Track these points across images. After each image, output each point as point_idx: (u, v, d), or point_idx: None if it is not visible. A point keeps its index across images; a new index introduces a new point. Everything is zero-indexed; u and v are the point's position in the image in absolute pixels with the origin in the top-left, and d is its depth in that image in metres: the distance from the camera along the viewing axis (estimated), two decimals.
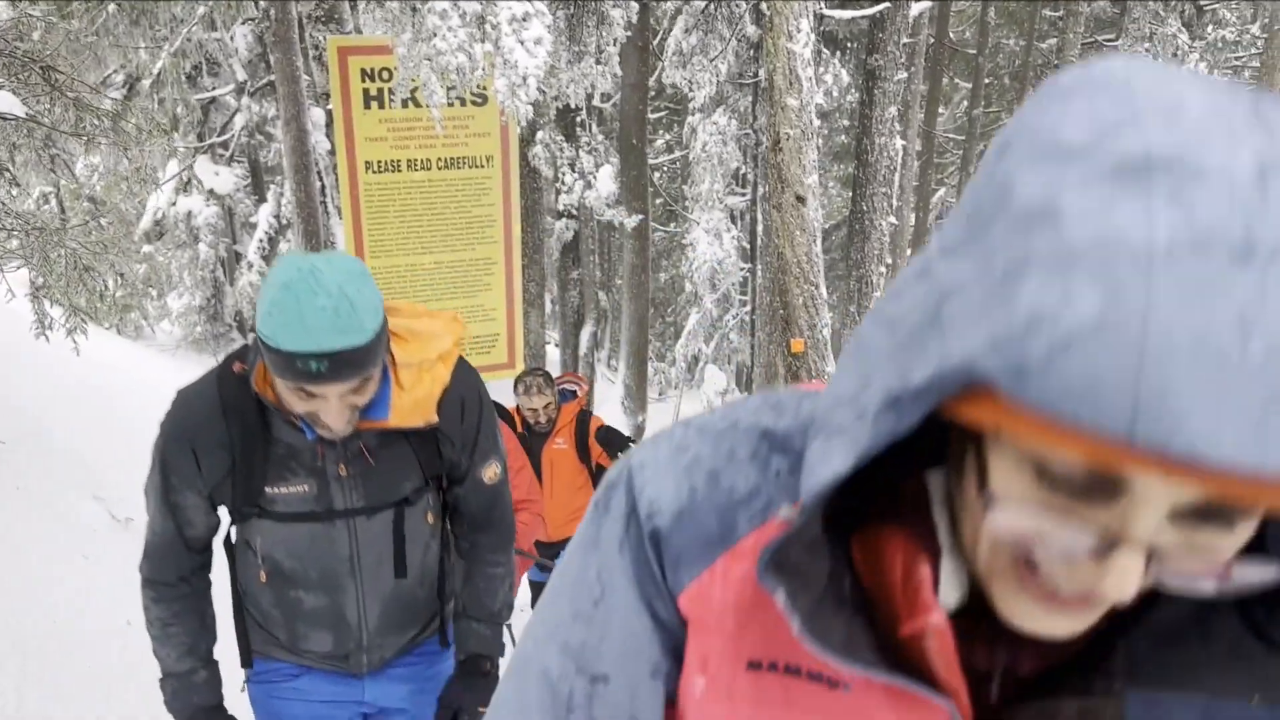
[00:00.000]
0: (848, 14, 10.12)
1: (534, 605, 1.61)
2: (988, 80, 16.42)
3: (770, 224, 6.44)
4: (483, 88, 4.59)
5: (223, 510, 1.77)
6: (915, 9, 10.70)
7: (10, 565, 4.11)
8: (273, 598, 1.81)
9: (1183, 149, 0.40)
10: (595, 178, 9.85)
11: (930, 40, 13.17)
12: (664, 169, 17.52)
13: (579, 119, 10.02)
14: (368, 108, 4.54)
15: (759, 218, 11.67)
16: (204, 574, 1.84)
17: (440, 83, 4.27)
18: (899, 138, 10.41)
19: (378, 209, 4.67)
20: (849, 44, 12.88)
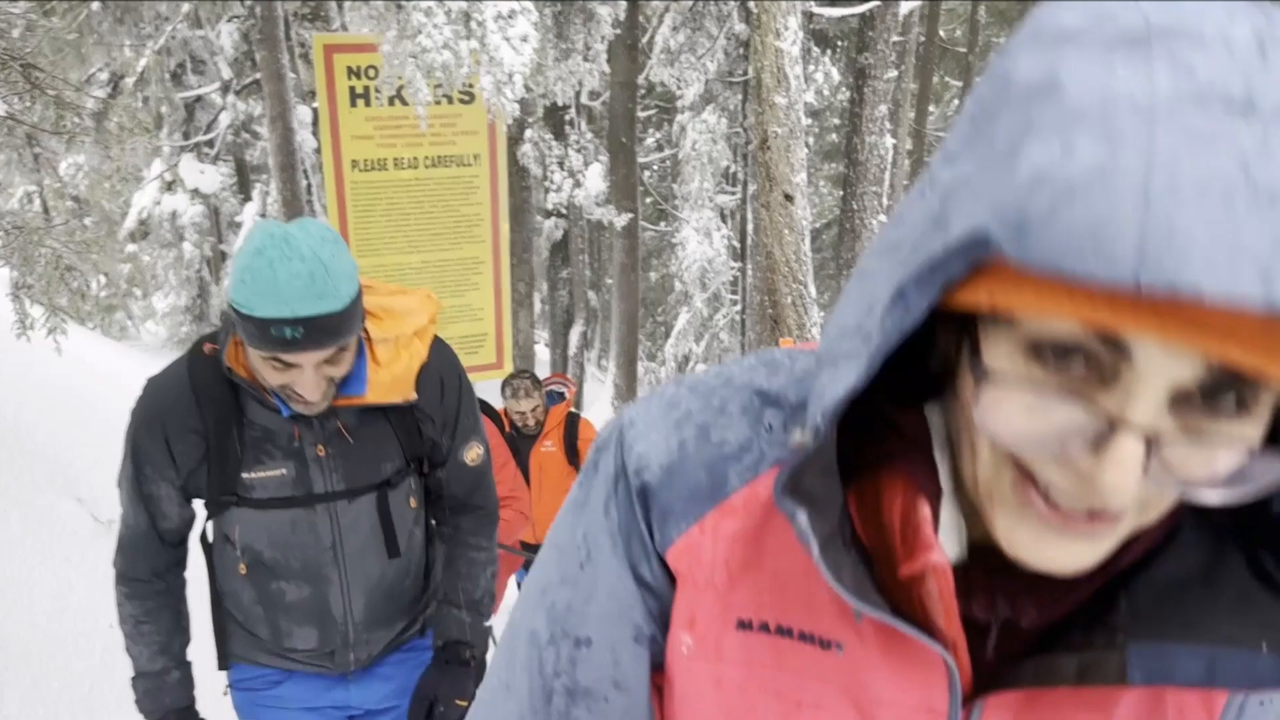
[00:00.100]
0: (838, 12, 10.13)
1: None
2: (978, 79, 16.46)
3: (760, 222, 6.43)
4: (469, 85, 4.56)
5: (198, 504, 1.73)
6: (905, 7, 10.72)
7: None
8: (254, 593, 1.76)
9: (1181, 20, 0.40)
10: (584, 176, 9.83)
11: (921, 38, 13.21)
12: (653, 167, 17.49)
13: (568, 117, 10.00)
14: (353, 105, 4.50)
15: (749, 216, 11.67)
16: (179, 571, 1.80)
17: (426, 80, 4.23)
18: (889, 136, 10.43)
19: (364, 207, 4.64)
20: (839, 42, 12.90)
